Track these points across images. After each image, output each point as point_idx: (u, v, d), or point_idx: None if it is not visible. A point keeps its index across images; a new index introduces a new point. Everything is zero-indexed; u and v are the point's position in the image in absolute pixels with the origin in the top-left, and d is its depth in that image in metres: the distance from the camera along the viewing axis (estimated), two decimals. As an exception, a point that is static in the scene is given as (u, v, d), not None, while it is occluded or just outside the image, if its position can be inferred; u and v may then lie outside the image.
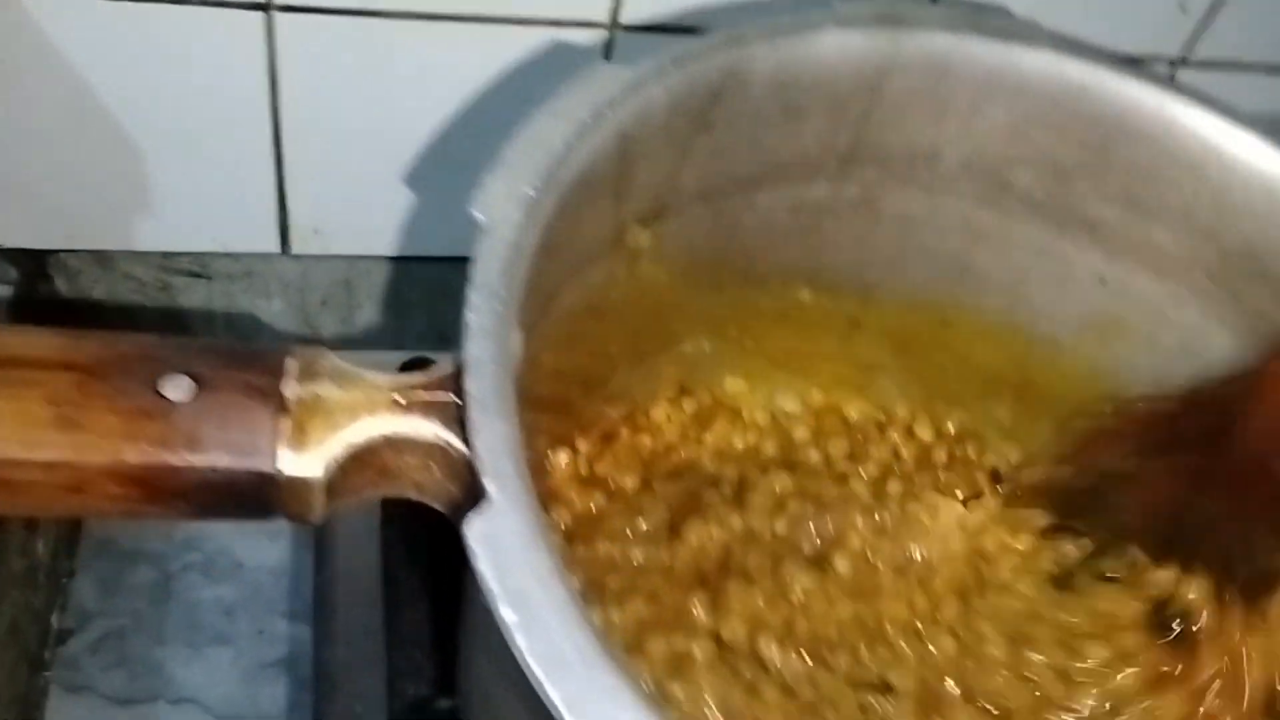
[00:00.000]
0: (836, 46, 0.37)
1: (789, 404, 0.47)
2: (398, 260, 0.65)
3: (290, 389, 0.26)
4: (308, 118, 0.55)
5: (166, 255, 0.62)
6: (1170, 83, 0.38)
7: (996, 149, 0.40)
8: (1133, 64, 0.38)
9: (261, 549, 0.65)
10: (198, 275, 0.64)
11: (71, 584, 0.61)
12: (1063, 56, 0.38)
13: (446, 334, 0.69)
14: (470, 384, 0.25)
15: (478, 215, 0.28)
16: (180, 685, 0.58)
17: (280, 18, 0.51)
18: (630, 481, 0.44)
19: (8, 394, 0.24)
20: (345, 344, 0.69)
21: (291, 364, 0.27)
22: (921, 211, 0.42)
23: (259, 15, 0.51)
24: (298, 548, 0.63)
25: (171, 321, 0.65)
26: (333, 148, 0.57)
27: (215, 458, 0.25)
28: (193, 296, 0.65)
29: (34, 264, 0.60)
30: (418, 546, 0.45)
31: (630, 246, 0.38)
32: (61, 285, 0.62)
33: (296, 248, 0.62)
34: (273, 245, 0.62)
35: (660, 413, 0.45)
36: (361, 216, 0.61)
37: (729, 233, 0.41)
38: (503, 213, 0.29)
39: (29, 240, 0.59)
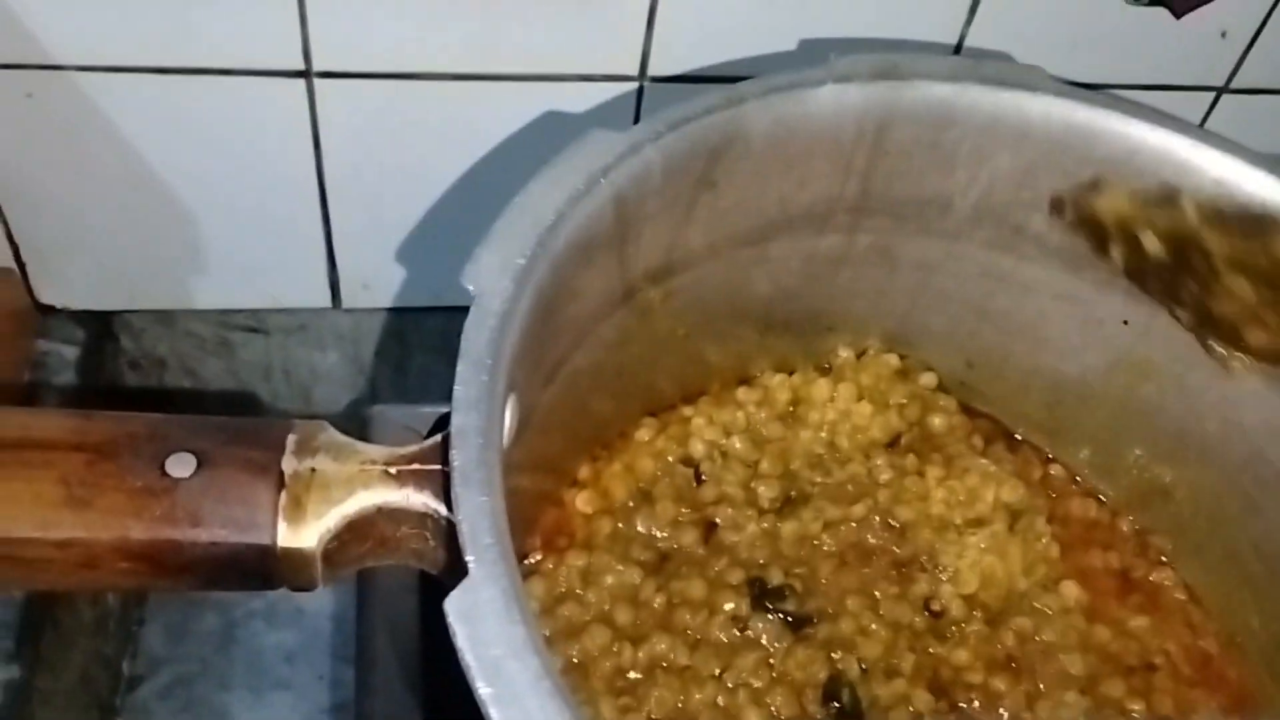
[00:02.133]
0: (834, 101, 0.37)
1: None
2: (447, 310, 0.66)
3: (288, 463, 0.28)
4: (351, 177, 0.57)
5: (224, 312, 0.64)
6: (1177, 120, 0.38)
7: (1007, 194, 0.40)
8: (1135, 104, 0.37)
9: (322, 597, 0.66)
10: (255, 330, 0.66)
11: (141, 632, 0.64)
12: (1065, 100, 0.38)
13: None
14: (455, 456, 0.26)
15: (468, 286, 0.29)
16: (244, 729, 0.60)
17: (320, 83, 0.53)
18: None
19: (24, 475, 0.26)
20: (399, 392, 0.71)
21: (291, 439, 0.28)
22: (938, 258, 0.42)
23: (300, 82, 0.53)
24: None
25: (232, 375, 0.68)
26: (377, 204, 0.59)
27: (216, 533, 0.26)
28: (251, 351, 0.67)
29: (100, 325, 0.63)
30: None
31: (641, 303, 0.39)
32: (127, 344, 0.65)
33: (347, 302, 0.64)
34: (324, 300, 0.63)
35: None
36: (408, 270, 0.63)
37: (743, 284, 0.42)
38: (493, 283, 0.30)
39: (94, 302, 0.62)
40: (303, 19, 0.50)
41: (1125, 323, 0.42)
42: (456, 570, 0.27)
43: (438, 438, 0.29)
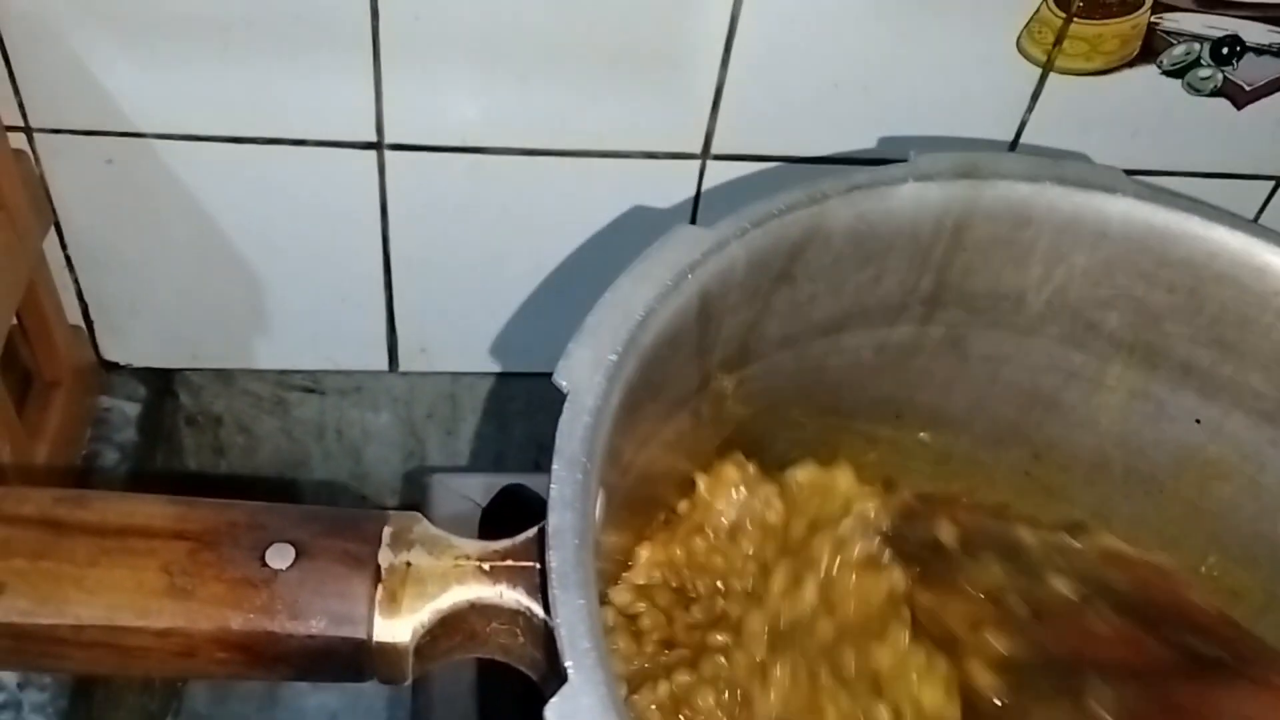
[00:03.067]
0: (914, 199, 0.37)
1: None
2: (499, 375, 0.67)
3: (384, 557, 0.28)
4: (416, 245, 0.58)
5: (282, 373, 0.65)
6: (1258, 225, 0.38)
7: (1082, 292, 0.40)
8: (1216, 209, 0.38)
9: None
10: (311, 390, 0.67)
11: (185, 690, 0.64)
12: (1143, 203, 0.38)
13: (545, 444, 0.71)
14: (552, 558, 0.27)
15: (561, 383, 0.30)
16: (286, 788, 0.60)
17: (391, 155, 0.54)
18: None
19: (128, 563, 0.26)
20: (448, 454, 0.71)
21: (386, 531, 0.28)
22: (1009, 351, 0.43)
23: (371, 154, 0.54)
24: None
25: (285, 434, 0.68)
26: (440, 273, 0.59)
27: (313, 625, 0.27)
28: (306, 410, 0.68)
29: (161, 382, 0.64)
30: (512, 697, 0.46)
31: (715, 391, 0.39)
32: (186, 400, 0.66)
33: (404, 365, 0.64)
34: (381, 363, 0.64)
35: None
36: (465, 336, 0.63)
37: (814, 373, 0.42)
38: (585, 380, 0.30)
39: (157, 360, 0.63)
40: (378, 93, 0.51)
41: (1198, 421, 0.42)
42: (549, 670, 0.28)
43: (531, 533, 0.29)
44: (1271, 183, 0.60)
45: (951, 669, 0.38)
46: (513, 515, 0.49)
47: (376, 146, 0.54)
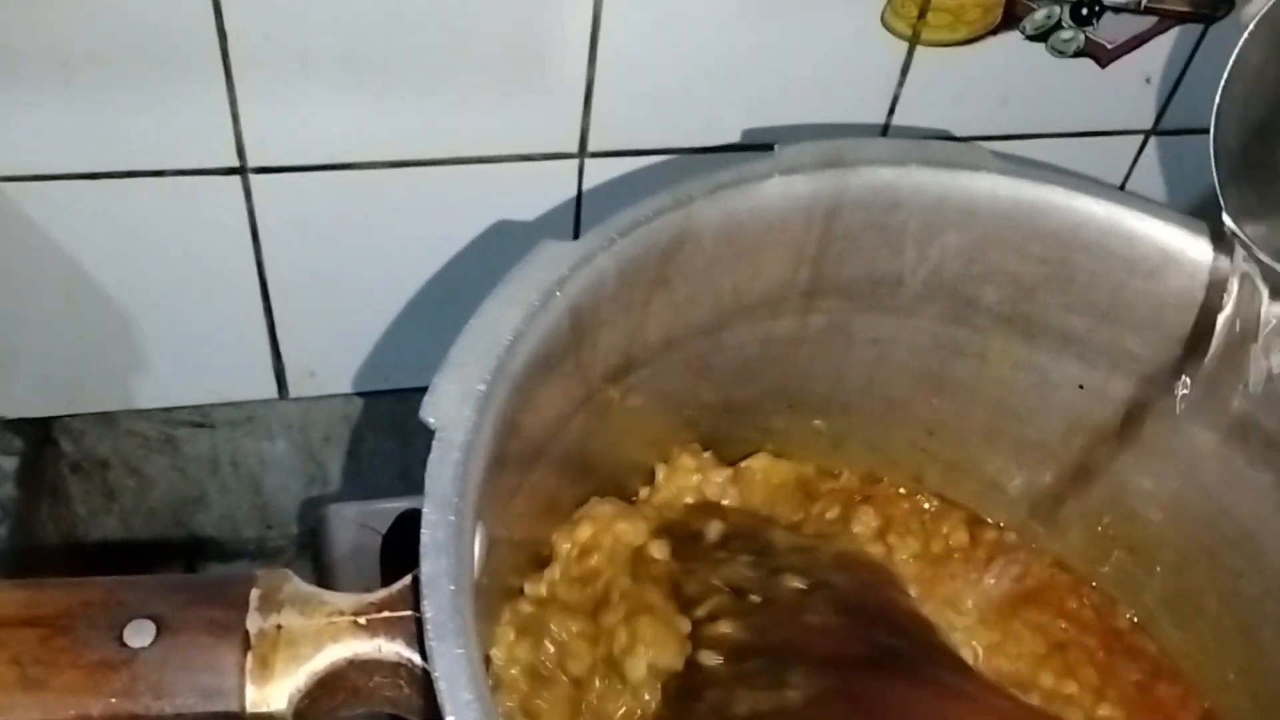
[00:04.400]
0: (781, 193, 0.37)
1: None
2: (395, 392, 0.65)
3: (253, 622, 0.27)
4: (292, 268, 0.56)
5: (168, 410, 0.63)
6: (1121, 193, 0.38)
7: (957, 270, 0.40)
8: (1080, 178, 0.38)
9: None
10: (200, 425, 0.65)
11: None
12: (1008, 178, 0.38)
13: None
14: (427, 607, 0.26)
15: (429, 420, 0.29)
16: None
17: (256, 179, 0.52)
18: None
19: (-26, 659, 0.25)
20: (351, 477, 0.70)
21: (254, 594, 0.27)
22: (892, 333, 0.43)
23: (235, 179, 0.52)
24: None
25: (178, 471, 0.66)
26: (319, 294, 0.58)
27: (181, 703, 0.25)
28: (197, 446, 0.66)
29: (39, 431, 0.61)
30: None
31: (601, 402, 0.39)
32: (68, 447, 0.63)
33: (294, 391, 0.63)
34: (270, 391, 0.62)
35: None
36: (355, 355, 0.62)
37: (701, 371, 0.42)
38: (454, 414, 0.29)
39: (33, 410, 0.60)
40: (234, 116, 0.49)
41: (1081, 387, 0.43)
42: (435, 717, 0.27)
43: (406, 581, 0.28)
44: (1141, 136, 0.61)
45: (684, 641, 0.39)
46: (415, 541, 0.48)
47: (240, 171, 0.52)
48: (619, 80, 0.52)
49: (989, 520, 0.49)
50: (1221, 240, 0.38)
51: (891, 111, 0.55)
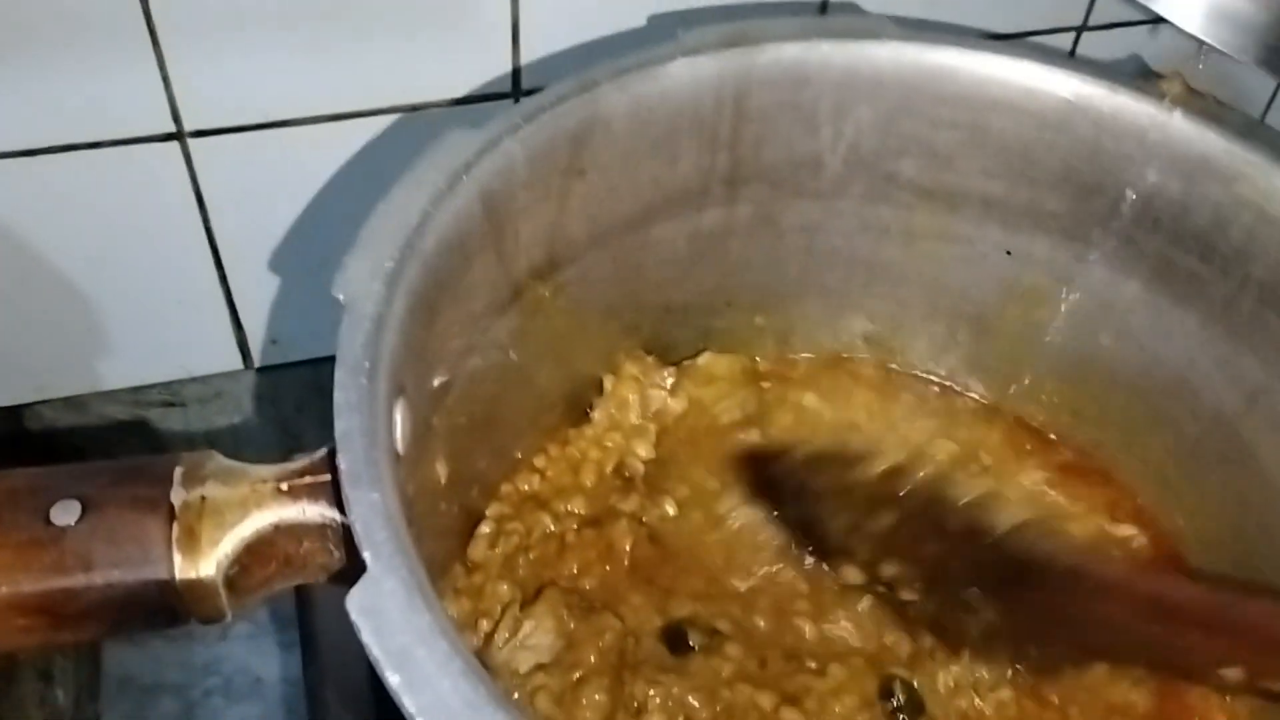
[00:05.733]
0: (688, 75, 0.38)
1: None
2: (361, 355, 0.66)
3: (177, 495, 0.27)
4: (242, 233, 0.57)
5: (136, 390, 0.63)
6: (1017, 44, 0.39)
7: (874, 145, 0.41)
8: (976, 38, 0.38)
9: (277, 662, 0.65)
10: (170, 404, 0.65)
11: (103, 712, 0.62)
12: (910, 44, 0.39)
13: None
14: (342, 460, 0.26)
15: (338, 295, 0.29)
16: (214, 810, 0.59)
17: (194, 143, 0.53)
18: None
19: (-97, 545, 0.25)
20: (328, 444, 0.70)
21: (178, 471, 0.28)
22: (819, 218, 0.43)
23: (174, 145, 0.53)
24: (311, 655, 0.64)
25: (153, 451, 0.67)
26: (272, 257, 0.58)
27: (111, 574, 0.26)
28: (170, 423, 0.66)
29: (10, 420, 0.62)
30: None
31: (532, 301, 0.39)
32: (40, 435, 0.64)
33: (259, 361, 0.63)
34: (235, 363, 0.63)
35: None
36: (315, 320, 0.62)
37: (633, 270, 0.42)
38: (363, 289, 0.30)
39: (2, 399, 0.60)
40: (165, 80, 0.50)
41: (1008, 253, 0.43)
42: (359, 571, 0.27)
43: (324, 450, 0.28)
44: (1074, 33, 0.61)
45: None
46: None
47: (178, 136, 0.52)
48: (543, 15, 0.52)
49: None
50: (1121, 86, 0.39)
51: (824, 9, 0.55)
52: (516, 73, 0.54)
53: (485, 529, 0.42)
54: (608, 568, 0.42)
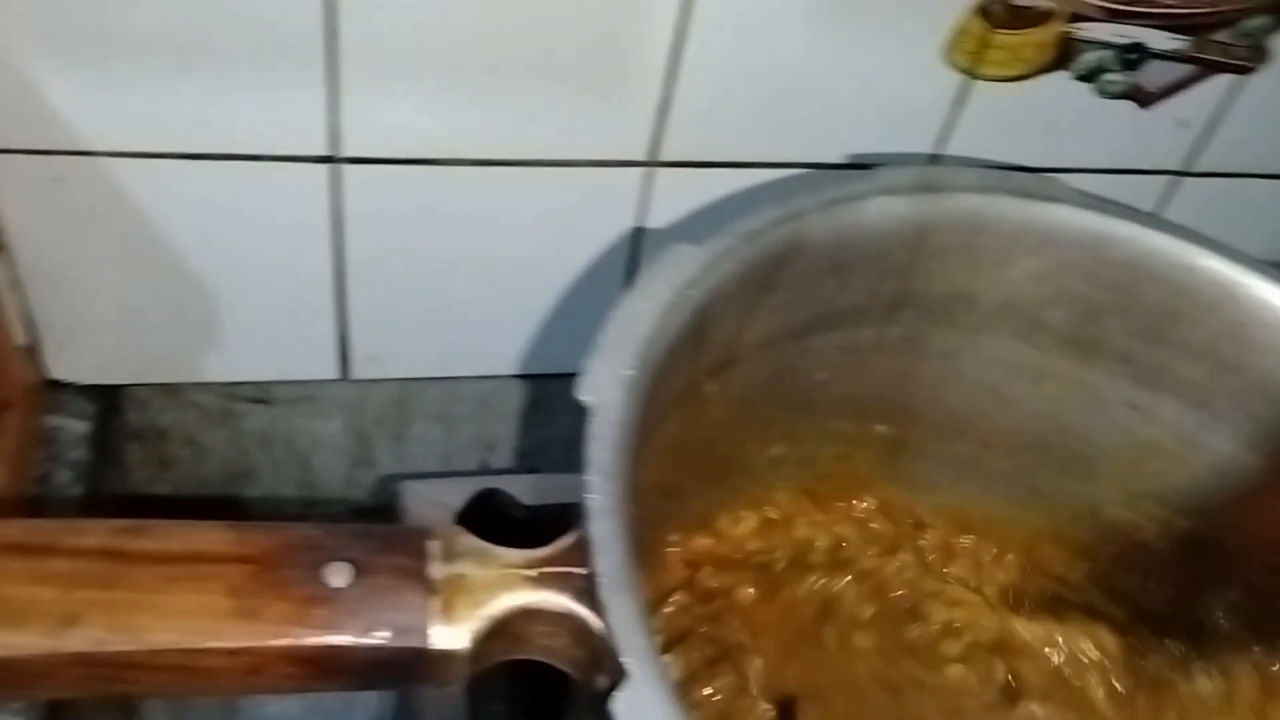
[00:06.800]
0: (883, 212, 0.40)
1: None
2: (447, 380, 0.68)
3: (436, 569, 0.29)
4: (369, 257, 0.59)
5: (231, 385, 0.65)
6: (1188, 230, 0.42)
7: (1029, 292, 0.44)
8: (1151, 215, 0.41)
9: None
10: (260, 401, 0.67)
11: (143, 706, 0.64)
12: (1085, 211, 0.42)
13: (492, 445, 0.72)
14: (599, 563, 0.29)
15: (586, 399, 0.32)
16: None
17: (346, 169, 0.55)
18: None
19: (196, 588, 0.28)
20: (397, 459, 0.72)
21: (433, 545, 0.30)
22: (960, 347, 0.46)
23: (325, 167, 0.54)
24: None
25: (232, 445, 0.68)
26: (392, 282, 0.60)
27: (376, 637, 0.28)
28: (254, 420, 0.68)
29: (107, 399, 0.63)
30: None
31: (702, 396, 0.42)
32: (132, 416, 0.65)
33: (355, 373, 0.65)
34: (332, 372, 0.65)
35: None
36: (415, 343, 0.64)
37: (786, 373, 0.45)
38: (608, 395, 0.32)
39: (104, 377, 0.62)
40: (334, 106, 0.52)
41: (1133, 407, 0.46)
42: (594, 667, 0.30)
43: (569, 540, 0.31)
44: (1172, 177, 0.65)
45: None
46: (485, 518, 0.51)
47: (330, 160, 0.54)
48: (691, 95, 0.54)
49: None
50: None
51: (943, 140, 0.58)
52: (655, 144, 0.57)
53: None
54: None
